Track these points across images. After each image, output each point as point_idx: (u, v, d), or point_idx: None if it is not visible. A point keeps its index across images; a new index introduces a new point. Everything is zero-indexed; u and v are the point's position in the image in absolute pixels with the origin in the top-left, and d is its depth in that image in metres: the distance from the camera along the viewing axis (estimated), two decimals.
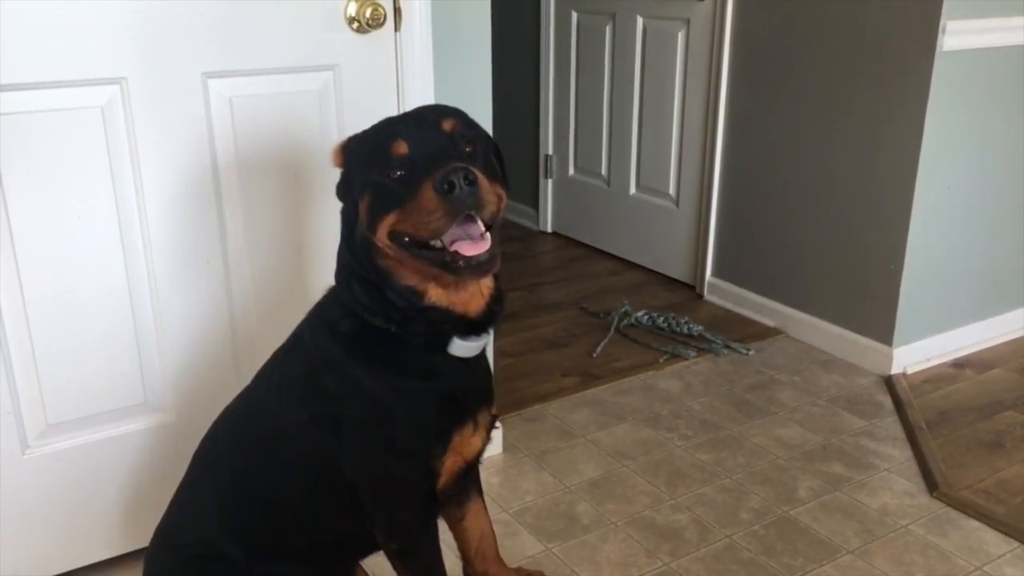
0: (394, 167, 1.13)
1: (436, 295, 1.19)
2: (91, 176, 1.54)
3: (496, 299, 1.25)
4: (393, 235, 1.14)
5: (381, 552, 1.38)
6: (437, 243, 1.12)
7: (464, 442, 1.27)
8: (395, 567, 1.34)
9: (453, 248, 1.11)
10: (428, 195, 1.08)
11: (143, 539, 1.70)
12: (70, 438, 1.64)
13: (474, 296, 1.22)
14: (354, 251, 1.22)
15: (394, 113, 1.77)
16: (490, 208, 1.10)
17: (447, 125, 1.16)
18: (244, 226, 1.69)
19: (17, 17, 1.40)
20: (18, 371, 1.56)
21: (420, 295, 1.19)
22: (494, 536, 1.56)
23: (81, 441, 1.65)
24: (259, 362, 1.61)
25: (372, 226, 1.16)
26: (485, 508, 1.54)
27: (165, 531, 1.40)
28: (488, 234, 1.13)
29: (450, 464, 1.27)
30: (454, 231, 1.10)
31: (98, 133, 1.52)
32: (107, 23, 1.47)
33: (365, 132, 1.23)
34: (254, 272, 1.72)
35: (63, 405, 1.62)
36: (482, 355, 1.31)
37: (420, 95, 1.78)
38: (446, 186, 1.06)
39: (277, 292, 1.77)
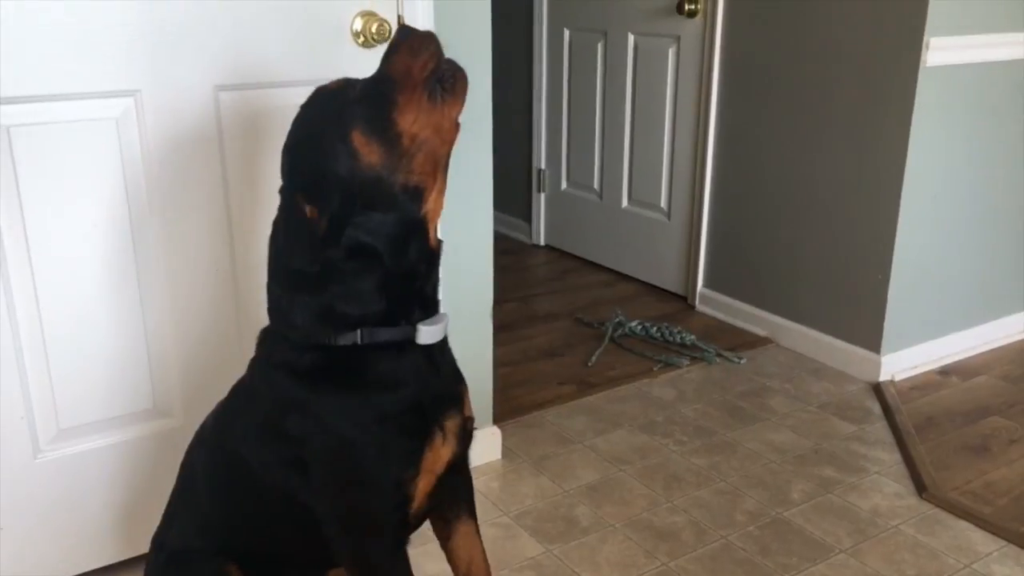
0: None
1: (432, 201, 1.18)
2: (105, 186, 1.58)
3: (439, 246, 1.24)
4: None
5: None
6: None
7: (435, 457, 1.24)
8: None
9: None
10: (403, 54, 1.15)
11: (146, 545, 1.73)
12: (81, 443, 1.67)
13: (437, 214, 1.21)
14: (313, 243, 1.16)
15: None
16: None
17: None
18: (255, 233, 1.74)
19: (34, 30, 1.45)
20: (32, 377, 1.59)
21: (422, 199, 1.17)
22: (486, 563, 1.45)
23: (91, 446, 1.68)
24: None
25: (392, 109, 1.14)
26: (477, 531, 1.44)
27: (157, 537, 1.44)
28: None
29: (423, 486, 1.23)
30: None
31: (112, 144, 1.56)
32: (121, 36, 1.52)
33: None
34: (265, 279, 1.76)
35: (75, 410, 1.65)
36: (449, 358, 1.29)
37: None
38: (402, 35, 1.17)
39: None
